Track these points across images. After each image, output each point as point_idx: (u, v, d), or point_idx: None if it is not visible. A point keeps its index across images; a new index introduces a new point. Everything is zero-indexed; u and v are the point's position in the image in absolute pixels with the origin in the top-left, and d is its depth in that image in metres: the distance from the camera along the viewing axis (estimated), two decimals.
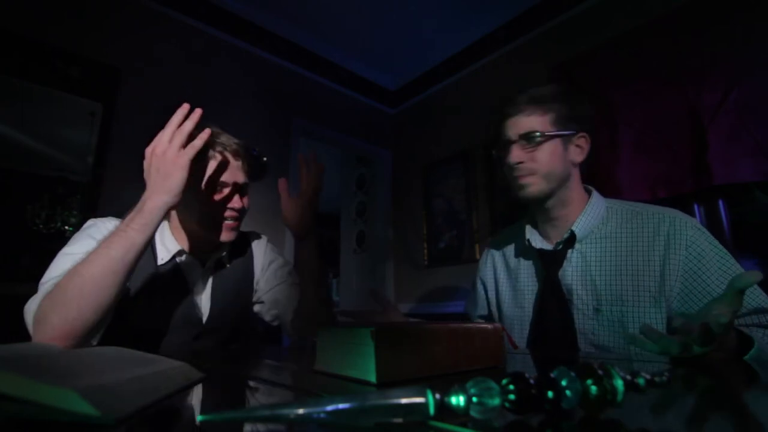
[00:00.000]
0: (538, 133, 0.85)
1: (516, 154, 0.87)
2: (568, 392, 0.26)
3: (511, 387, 0.25)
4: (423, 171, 3.18)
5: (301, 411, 0.22)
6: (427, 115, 3.27)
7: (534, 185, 0.87)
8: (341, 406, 0.23)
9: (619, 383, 0.27)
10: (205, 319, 0.93)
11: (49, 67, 1.92)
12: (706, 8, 1.84)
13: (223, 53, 2.58)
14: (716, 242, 0.80)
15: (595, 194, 0.92)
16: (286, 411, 0.23)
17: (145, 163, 0.75)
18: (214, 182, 0.86)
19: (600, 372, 0.27)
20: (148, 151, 0.74)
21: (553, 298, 0.89)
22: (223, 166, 0.87)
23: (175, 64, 2.35)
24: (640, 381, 0.28)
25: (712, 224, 1.81)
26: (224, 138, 0.88)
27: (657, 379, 0.30)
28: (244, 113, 2.62)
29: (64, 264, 0.71)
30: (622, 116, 2.00)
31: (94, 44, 2.07)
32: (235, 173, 0.89)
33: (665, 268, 0.78)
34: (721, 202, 1.80)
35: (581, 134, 0.88)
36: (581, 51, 2.26)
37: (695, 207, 1.85)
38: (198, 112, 0.76)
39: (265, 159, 2.63)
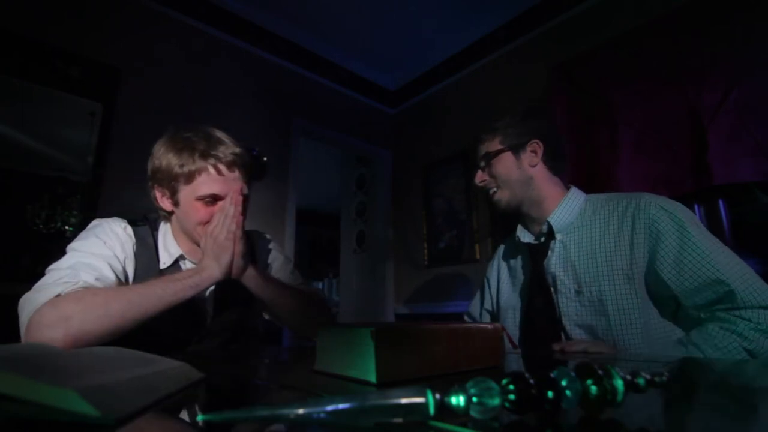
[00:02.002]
0: (489, 153, 1.01)
1: (478, 176, 1.04)
2: (568, 392, 0.26)
3: (511, 387, 0.25)
4: (423, 171, 3.18)
5: (301, 411, 0.22)
6: (427, 115, 3.27)
7: (502, 198, 1.01)
8: (341, 406, 0.23)
9: (619, 383, 0.26)
10: (208, 321, 0.93)
11: (49, 67, 1.92)
12: (706, 8, 1.84)
13: (223, 53, 2.58)
14: (683, 222, 0.82)
15: (574, 190, 1.01)
16: (286, 411, 0.23)
17: (202, 240, 0.85)
18: (208, 196, 0.84)
19: (600, 372, 0.27)
20: (207, 231, 0.84)
21: (540, 287, 0.97)
22: (216, 180, 0.84)
23: (175, 64, 2.35)
24: (640, 381, 0.28)
25: (712, 224, 1.81)
26: (222, 149, 0.85)
27: (657, 379, 0.30)
28: (244, 113, 2.62)
29: (70, 259, 0.78)
30: (622, 116, 2.00)
31: (94, 44, 2.07)
32: (230, 185, 0.86)
33: (633, 246, 0.85)
34: (721, 202, 1.80)
35: (533, 141, 0.99)
36: (581, 51, 2.26)
37: (695, 207, 1.85)
38: (239, 198, 0.85)
39: (265, 159, 2.63)
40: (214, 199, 0.85)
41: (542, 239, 0.99)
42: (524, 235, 1.04)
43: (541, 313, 0.95)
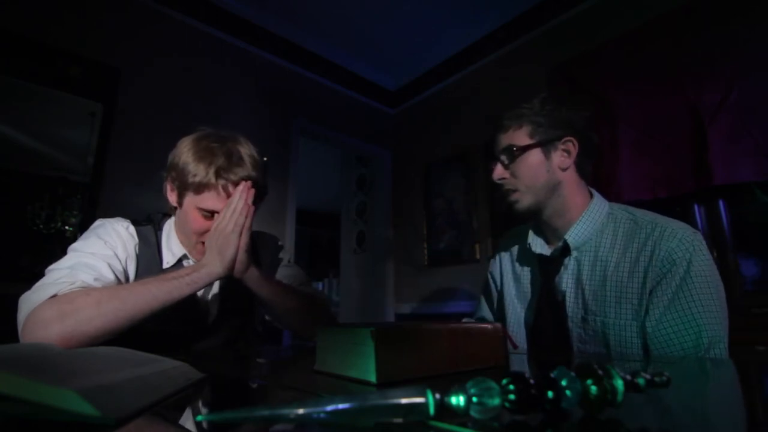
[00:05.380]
0: (514, 147, 0.86)
1: (497, 171, 0.89)
2: (568, 392, 0.26)
3: (511, 387, 0.25)
4: (423, 171, 3.18)
5: (301, 411, 0.22)
6: (427, 115, 3.27)
7: (521, 201, 0.88)
8: (341, 406, 0.23)
9: (619, 383, 0.26)
10: (210, 320, 0.93)
11: (49, 67, 1.92)
12: (706, 8, 1.84)
13: (223, 53, 2.58)
14: (702, 265, 0.74)
15: (596, 200, 0.89)
16: (286, 411, 0.23)
17: (209, 235, 0.83)
18: (209, 211, 0.84)
19: (600, 372, 0.27)
20: (214, 226, 0.83)
21: (549, 304, 0.89)
22: (222, 200, 0.84)
23: (175, 64, 2.35)
24: (640, 381, 0.28)
25: (712, 224, 1.81)
26: (237, 170, 0.84)
27: (657, 379, 0.30)
28: (244, 113, 2.62)
29: (70, 260, 0.77)
30: (622, 116, 2.00)
31: (94, 44, 2.07)
32: None
33: (647, 280, 0.77)
34: (721, 202, 1.80)
35: (567, 138, 0.86)
36: (581, 51, 2.26)
37: (695, 207, 1.85)
38: (251, 192, 0.84)
39: (265, 159, 2.63)
40: (212, 214, 0.85)
41: (557, 253, 0.89)
42: (536, 245, 0.93)
43: (549, 332, 0.89)
